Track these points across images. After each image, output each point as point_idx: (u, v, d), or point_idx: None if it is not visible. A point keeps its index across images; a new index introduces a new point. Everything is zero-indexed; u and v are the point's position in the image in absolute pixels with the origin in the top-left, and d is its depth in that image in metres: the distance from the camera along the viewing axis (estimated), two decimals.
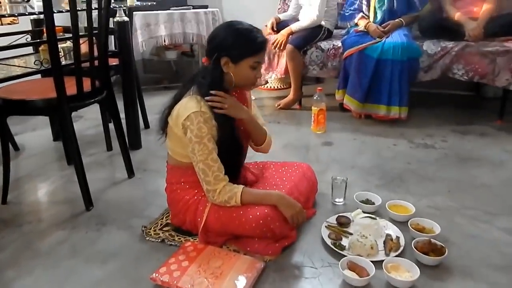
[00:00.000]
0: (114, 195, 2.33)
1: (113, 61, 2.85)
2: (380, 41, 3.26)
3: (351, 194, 2.13)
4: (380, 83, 3.25)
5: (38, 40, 2.69)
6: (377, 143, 2.94)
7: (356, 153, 2.79)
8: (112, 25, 2.68)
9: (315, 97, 3.18)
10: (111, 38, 3.15)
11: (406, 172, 2.49)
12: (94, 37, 2.23)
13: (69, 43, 2.30)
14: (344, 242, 1.78)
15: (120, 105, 2.59)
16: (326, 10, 3.63)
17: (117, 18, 2.70)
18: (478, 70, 3.12)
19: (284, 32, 3.63)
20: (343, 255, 1.68)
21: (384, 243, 1.75)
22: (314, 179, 2.16)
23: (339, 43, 3.51)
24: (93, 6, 2.15)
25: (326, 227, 1.89)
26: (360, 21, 3.51)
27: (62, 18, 2.61)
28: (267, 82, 4.23)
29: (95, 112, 3.07)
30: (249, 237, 1.75)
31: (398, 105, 3.22)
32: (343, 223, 1.92)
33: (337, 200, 2.16)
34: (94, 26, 2.20)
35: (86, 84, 2.17)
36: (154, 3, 3.51)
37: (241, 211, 1.71)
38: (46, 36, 1.95)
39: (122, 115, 2.66)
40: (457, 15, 3.30)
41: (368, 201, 2.10)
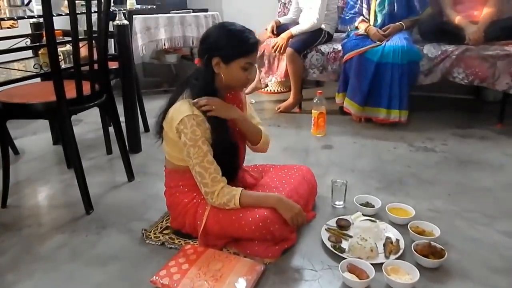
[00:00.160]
0: (114, 199, 2.33)
1: (113, 65, 2.84)
2: (380, 45, 3.26)
3: (351, 197, 2.13)
4: (380, 87, 3.25)
5: (38, 44, 2.70)
6: (377, 147, 2.94)
7: (356, 156, 2.79)
8: (112, 29, 2.68)
9: (315, 101, 3.18)
10: (111, 42, 3.15)
11: (406, 175, 2.49)
12: (94, 41, 2.23)
13: (69, 47, 2.30)
14: (344, 245, 1.78)
15: (120, 109, 2.59)
16: (326, 14, 3.64)
17: (117, 22, 2.70)
18: (478, 74, 3.12)
19: (284, 36, 3.63)
20: (343, 258, 1.68)
21: (384, 246, 1.75)
22: (314, 182, 2.16)
23: (339, 47, 3.52)
24: (93, 10, 2.16)
25: (326, 230, 1.89)
26: (361, 25, 3.52)
27: (62, 22, 2.62)
28: (267, 86, 4.23)
29: (95, 116, 3.07)
30: (249, 240, 1.75)
31: (398, 109, 3.21)
32: (343, 226, 1.91)
33: (337, 203, 2.16)
34: (94, 30, 2.20)
35: (86, 88, 2.17)
36: (154, 7, 3.52)
37: (241, 214, 1.71)
38: (46, 40, 1.95)
39: (122, 119, 2.66)
40: (458, 19, 3.30)
41: (368, 204, 2.10)
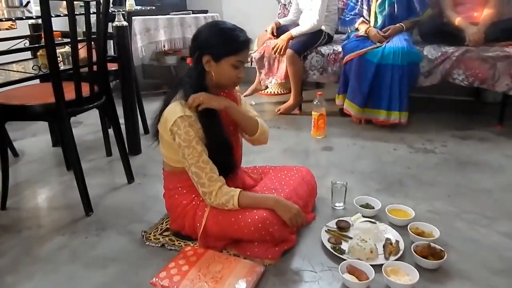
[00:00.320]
0: (114, 201, 2.32)
1: (113, 66, 2.85)
2: (381, 46, 3.27)
3: (351, 199, 2.13)
4: (380, 88, 3.25)
5: (36, 45, 2.69)
6: (377, 148, 2.94)
7: (356, 158, 2.79)
8: (111, 30, 2.68)
9: (315, 102, 3.18)
10: (110, 43, 3.15)
11: (406, 177, 2.49)
12: (93, 42, 2.22)
13: (68, 48, 2.30)
14: (344, 246, 1.78)
15: (120, 111, 2.59)
16: (327, 15, 3.64)
17: (116, 23, 2.69)
18: (478, 75, 3.12)
19: (284, 37, 3.63)
20: (343, 259, 1.68)
21: (384, 247, 1.75)
22: (314, 183, 2.15)
23: (339, 48, 3.52)
24: (92, 11, 2.15)
25: (326, 232, 1.89)
26: (361, 26, 3.52)
27: (61, 23, 2.62)
28: (267, 87, 4.23)
29: (95, 118, 3.07)
30: (249, 241, 1.75)
31: (398, 110, 3.21)
32: (343, 228, 1.91)
33: (337, 205, 2.16)
34: (93, 31, 2.20)
35: (85, 89, 2.17)
36: (154, 8, 3.52)
37: (240, 215, 1.71)
38: (44, 41, 1.95)
39: (122, 121, 2.65)
40: (458, 20, 3.30)
41: (368, 206, 2.10)
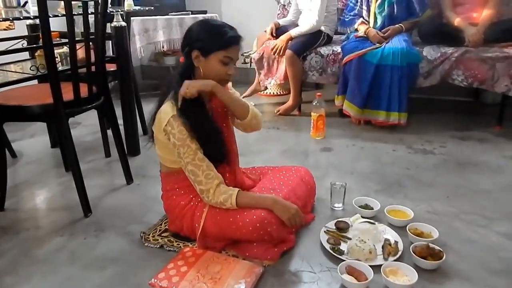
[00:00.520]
0: (113, 202, 2.32)
1: (111, 67, 2.84)
2: (380, 47, 3.27)
3: (350, 200, 2.13)
4: (380, 89, 3.25)
5: (34, 46, 2.69)
6: (376, 149, 2.94)
7: (355, 159, 2.78)
8: (110, 30, 2.67)
9: (315, 103, 3.18)
10: (109, 44, 3.15)
11: (405, 178, 2.49)
12: (91, 43, 2.22)
13: (66, 49, 2.29)
14: (343, 247, 1.78)
15: (118, 111, 2.59)
16: (326, 16, 3.64)
17: (114, 23, 2.69)
18: (478, 76, 3.12)
19: (284, 38, 3.63)
20: (342, 260, 1.68)
21: (383, 248, 1.75)
22: (313, 183, 2.15)
23: (339, 49, 3.51)
24: (90, 11, 2.15)
25: (325, 232, 1.89)
26: (360, 27, 3.52)
27: (59, 23, 2.61)
28: (266, 88, 4.23)
29: (93, 119, 3.07)
30: (248, 242, 1.75)
31: (398, 111, 3.21)
32: (342, 228, 1.91)
33: (336, 205, 2.15)
34: (91, 31, 2.19)
35: (83, 90, 2.17)
36: (152, 8, 3.51)
37: (238, 215, 1.71)
38: (42, 41, 1.95)
39: (121, 121, 2.65)
40: (457, 21, 3.30)
41: (367, 206, 2.10)
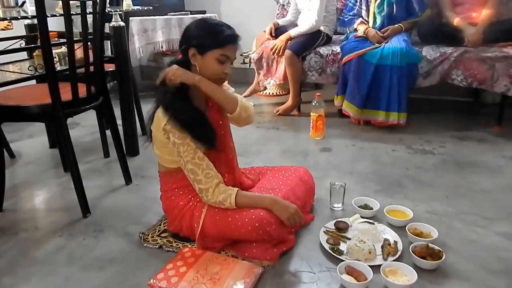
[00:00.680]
0: (112, 202, 2.31)
1: (110, 67, 2.84)
2: (379, 47, 3.26)
3: (350, 200, 2.13)
4: (379, 89, 3.25)
5: (32, 45, 2.68)
6: (376, 149, 2.94)
7: (355, 159, 2.78)
8: (108, 30, 2.66)
9: (314, 103, 3.18)
10: (108, 44, 3.14)
11: (404, 178, 2.48)
12: (90, 42, 2.22)
13: (64, 49, 2.29)
14: (342, 247, 1.78)
15: (117, 112, 2.59)
16: (325, 15, 3.63)
17: (113, 23, 2.68)
18: (477, 76, 3.12)
19: (283, 38, 3.63)
20: (341, 260, 1.68)
21: (382, 248, 1.74)
22: (312, 183, 2.15)
23: (338, 49, 3.51)
24: (88, 11, 2.14)
25: (324, 232, 1.89)
26: (360, 26, 3.52)
27: (57, 23, 2.61)
28: (266, 88, 4.23)
29: (92, 119, 3.07)
30: (247, 242, 1.74)
31: (397, 111, 3.21)
32: (341, 228, 1.91)
33: (336, 206, 2.15)
34: (89, 31, 2.19)
35: (82, 90, 2.16)
36: (151, 8, 3.50)
37: (237, 215, 1.71)
38: (40, 41, 1.94)
39: (119, 122, 2.64)
40: (456, 21, 3.30)
41: (366, 206, 2.09)
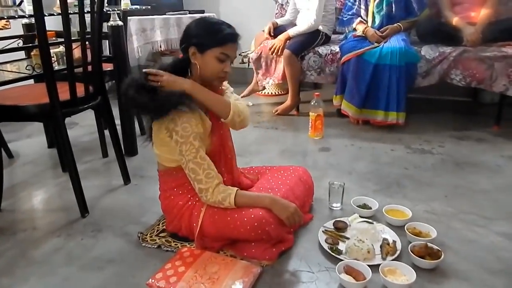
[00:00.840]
0: (110, 202, 2.31)
1: (108, 67, 2.83)
2: (378, 46, 3.26)
3: (348, 199, 2.13)
4: (378, 89, 3.25)
5: (30, 45, 2.67)
6: (375, 149, 2.94)
7: (354, 159, 2.78)
8: (106, 30, 2.66)
9: (313, 103, 3.17)
10: (106, 43, 3.13)
11: (403, 177, 2.48)
12: (88, 42, 2.21)
13: (62, 48, 2.28)
14: (341, 247, 1.78)
15: (116, 111, 2.58)
16: (324, 15, 3.63)
17: (111, 22, 2.67)
18: (476, 76, 3.12)
19: (282, 37, 3.62)
20: (340, 259, 1.68)
21: (381, 247, 1.74)
22: (311, 183, 2.15)
23: (337, 48, 3.51)
24: (86, 10, 2.13)
25: (323, 232, 1.88)
26: (358, 26, 3.52)
27: (55, 23, 2.60)
28: (265, 88, 4.22)
29: (91, 119, 3.06)
30: (246, 242, 1.74)
31: (396, 111, 3.21)
32: (340, 228, 1.91)
33: (334, 205, 2.15)
34: (87, 31, 2.18)
35: (80, 90, 2.15)
36: (149, 8, 3.50)
37: (236, 214, 1.70)
38: (37, 41, 1.93)
39: (118, 122, 2.64)
40: (455, 20, 3.30)
41: (365, 206, 2.09)
